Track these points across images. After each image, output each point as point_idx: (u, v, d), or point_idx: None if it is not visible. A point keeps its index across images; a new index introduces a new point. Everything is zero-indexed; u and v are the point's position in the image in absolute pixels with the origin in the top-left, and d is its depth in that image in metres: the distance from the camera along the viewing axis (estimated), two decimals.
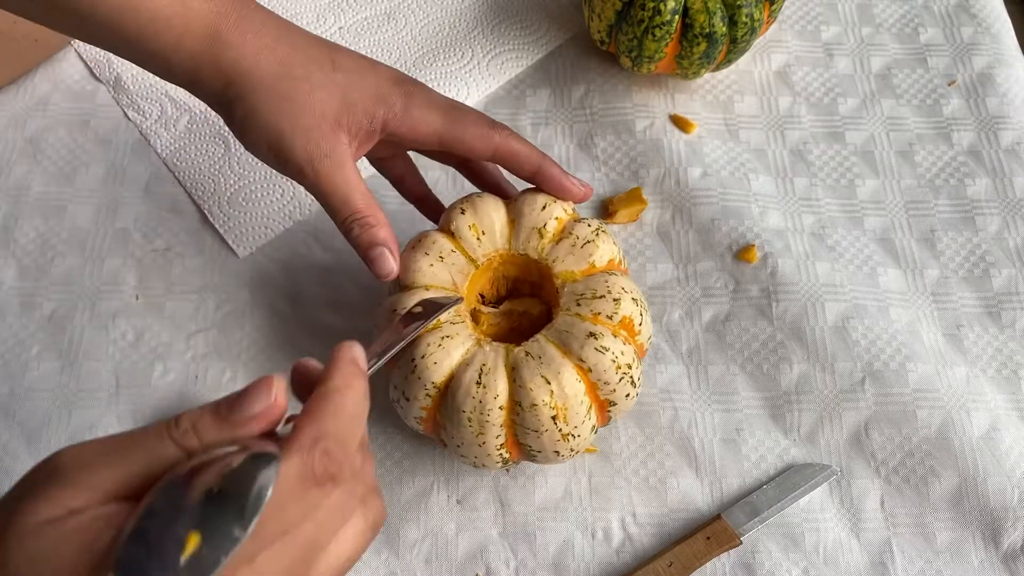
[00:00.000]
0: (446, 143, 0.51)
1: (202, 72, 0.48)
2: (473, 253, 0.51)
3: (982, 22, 0.74)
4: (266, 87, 0.48)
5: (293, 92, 0.48)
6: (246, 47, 0.48)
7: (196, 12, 0.47)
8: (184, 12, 0.47)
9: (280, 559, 0.30)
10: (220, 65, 0.48)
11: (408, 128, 0.50)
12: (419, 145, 0.52)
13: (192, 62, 0.48)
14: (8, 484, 0.57)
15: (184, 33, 0.47)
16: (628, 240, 0.64)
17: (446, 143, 0.51)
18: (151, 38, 0.47)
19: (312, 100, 0.48)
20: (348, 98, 0.49)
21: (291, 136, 0.48)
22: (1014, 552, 0.53)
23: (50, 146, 0.68)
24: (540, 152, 0.52)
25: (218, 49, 0.47)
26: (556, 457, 0.49)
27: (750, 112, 0.70)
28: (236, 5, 0.48)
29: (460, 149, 0.51)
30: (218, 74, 0.48)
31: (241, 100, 0.48)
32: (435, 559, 0.54)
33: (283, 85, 0.48)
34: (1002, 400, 0.58)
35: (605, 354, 0.47)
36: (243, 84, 0.48)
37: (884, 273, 0.63)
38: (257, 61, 0.48)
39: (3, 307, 0.62)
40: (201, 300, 0.62)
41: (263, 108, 0.48)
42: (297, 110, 0.48)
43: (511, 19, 0.74)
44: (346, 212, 0.48)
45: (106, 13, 0.46)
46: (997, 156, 0.68)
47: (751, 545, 0.54)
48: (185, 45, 0.47)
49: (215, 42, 0.47)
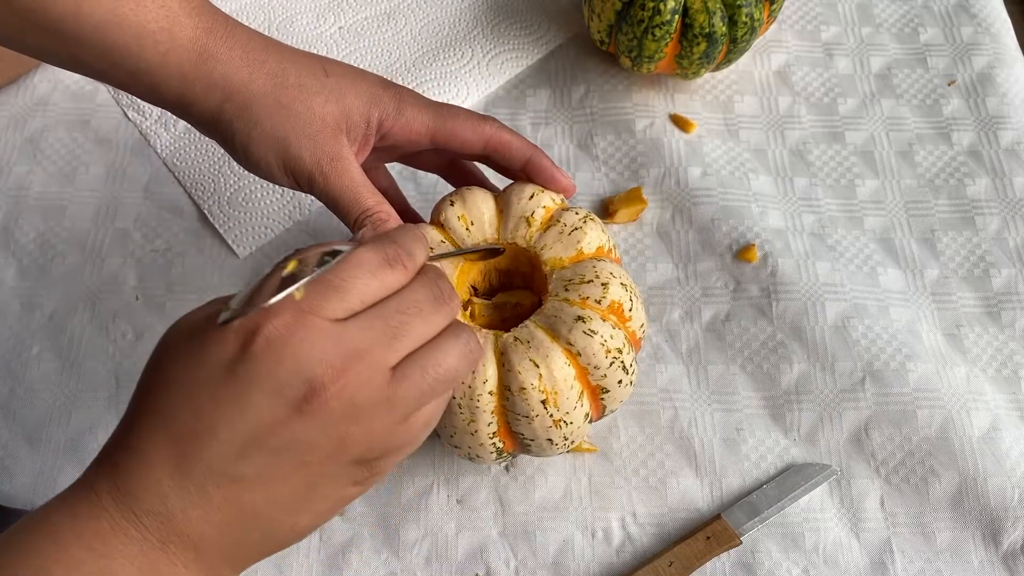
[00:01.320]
0: (439, 139, 0.51)
1: (194, 89, 0.47)
2: (463, 243, 0.51)
3: (982, 22, 0.74)
4: (264, 99, 0.47)
5: (291, 100, 0.48)
6: (236, 61, 0.47)
7: (182, 27, 0.46)
8: (170, 27, 0.46)
9: (368, 330, 0.36)
10: (212, 80, 0.47)
11: (401, 127, 0.50)
12: (412, 145, 0.52)
13: (181, 79, 0.47)
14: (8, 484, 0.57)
15: (170, 49, 0.46)
16: (628, 240, 0.64)
17: (439, 139, 0.51)
18: (136, 55, 0.46)
19: (311, 106, 0.48)
20: (344, 102, 0.49)
21: (297, 144, 0.47)
22: (1014, 552, 0.53)
23: (50, 146, 0.68)
24: (530, 143, 0.53)
25: (208, 64, 0.47)
26: (550, 446, 0.49)
27: (750, 112, 0.70)
28: (222, 21, 0.48)
29: (453, 144, 0.51)
30: (212, 90, 0.47)
31: (241, 116, 0.47)
32: (435, 559, 0.54)
33: (280, 94, 0.48)
34: (1002, 400, 0.58)
35: (594, 337, 0.47)
36: (240, 98, 0.47)
37: (884, 273, 0.63)
38: (251, 74, 0.47)
39: (3, 307, 0.62)
40: (201, 300, 0.61)
41: (264, 120, 0.47)
42: (298, 117, 0.48)
43: (511, 19, 0.74)
44: (357, 211, 0.48)
45: (91, 30, 0.45)
46: (997, 156, 0.68)
47: (751, 545, 0.54)
48: (172, 61, 0.46)
49: (204, 57, 0.47)
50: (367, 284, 0.37)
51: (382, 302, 0.38)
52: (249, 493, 0.35)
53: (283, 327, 0.35)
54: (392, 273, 0.38)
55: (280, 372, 0.34)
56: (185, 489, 0.34)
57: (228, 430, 0.34)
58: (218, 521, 0.35)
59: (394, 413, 0.37)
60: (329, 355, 0.35)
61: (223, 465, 0.35)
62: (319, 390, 0.35)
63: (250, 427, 0.34)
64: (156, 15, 0.46)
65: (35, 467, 0.57)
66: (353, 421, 0.36)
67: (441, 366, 0.38)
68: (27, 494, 0.56)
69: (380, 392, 0.36)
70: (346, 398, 0.35)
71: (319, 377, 0.35)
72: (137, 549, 0.34)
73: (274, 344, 0.35)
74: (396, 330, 0.37)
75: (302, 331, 0.35)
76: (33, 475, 0.56)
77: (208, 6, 0.48)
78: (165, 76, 0.47)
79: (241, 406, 0.34)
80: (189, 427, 0.34)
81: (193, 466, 0.34)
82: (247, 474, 0.35)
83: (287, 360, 0.35)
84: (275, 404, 0.35)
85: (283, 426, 0.35)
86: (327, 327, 0.36)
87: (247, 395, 0.34)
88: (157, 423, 0.35)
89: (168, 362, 0.36)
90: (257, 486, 0.35)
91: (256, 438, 0.35)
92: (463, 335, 0.40)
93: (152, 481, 0.34)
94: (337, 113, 0.48)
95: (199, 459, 0.34)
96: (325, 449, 0.36)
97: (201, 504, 0.35)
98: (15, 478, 0.56)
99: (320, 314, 0.36)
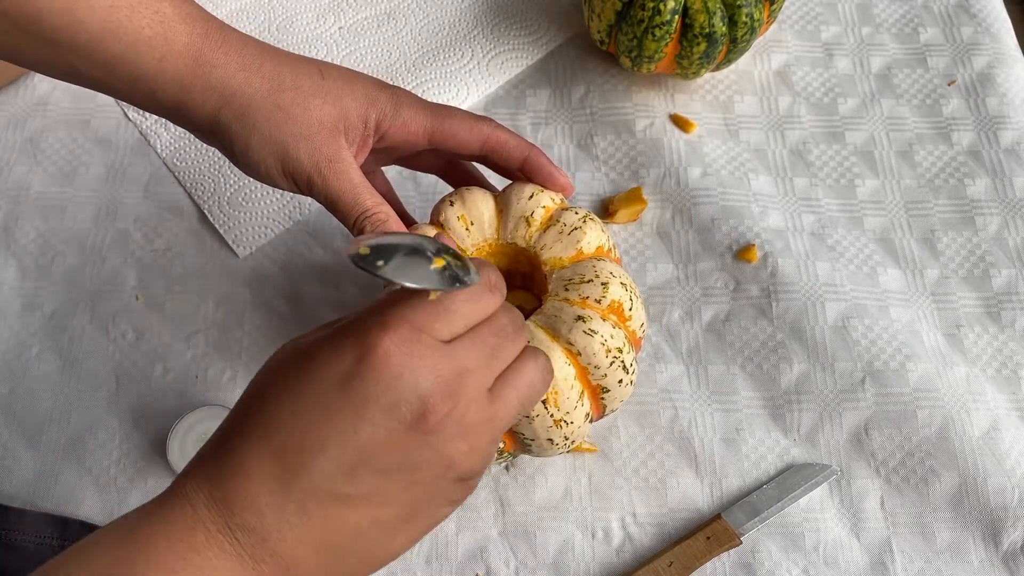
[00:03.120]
0: (436, 139, 0.51)
1: (191, 95, 0.47)
2: (462, 243, 0.51)
3: (982, 22, 0.74)
4: (261, 102, 0.47)
5: (288, 103, 0.48)
6: (232, 66, 0.47)
7: (177, 33, 0.46)
8: (165, 33, 0.46)
9: (472, 352, 0.37)
10: (209, 85, 0.47)
11: (399, 127, 0.50)
12: (409, 146, 0.52)
13: (178, 85, 0.47)
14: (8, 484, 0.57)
15: (166, 55, 0.46)
16: (628, 240, 0.64)
17: (436, 139, 0.51)
18: (133, 61, 0.46)
19: (308, 108, 0.48)
20: (341, 103, 0.49)
21: (295, 146, 0.47)
22: (1014, 552, 0.53)
23: (50, 146, 0.68)
24: (528, 142, 0.53)
25: (204, 70, 0.47)
26: (551, 446, 0.49)
27: (750, 112, 0.70)
28: (217, 27, 0.48)
29: (451, 144, 0.51)
30: (209, 95, 0.47)
31: (240, 120, 0.47)
32: (435, 559, 0.54)
33: (277, 98, 0.48)
34: (1002, 400, 0.58)
35: (594, 337, 0.47)
36: (238, 103, 0.47)
37: (884, 273, 0.63)
38: (247, 78, 0.47)
39: (4, 307, 0.62)
40: (201, 300, 0.62)
41: (263, 123, 0.47)
42: (296, 120, 0.47)
43: (511, 19, 0.74)
44: (357, 212, 0.48)
45: (86, 38, 0.45)
46: (997, 156, 0.68)
47: (751, 545, 0.54)
48: (168, 68, 0.46)
49: (199, 63, 0.47)
50: (471, 308, 0.38)
51: (478, 326, 0.38)
52: (352, 513, 0.35)
53: (401, 343, 0.35)
54: (491, 299, 0.39)
55: (397, 389, 0.34)
56: (284, 506, 0.34)
57: (338, 446, 0.34)
58: (314, 543, 0.34)
59: (493, 432, 0.38)
60: (444, 374, 0.35)
61: (328, 483, 0.34)
62: (433, 409, 0.35)
63: (362, 444, 0.34)
64: (150, 21, 0.46)
65: (35, 467, 0.57)
66: (462, 440, 0.36)
67: (530, 387, 0.39)
68: (27, 494, 0.56)
69: (484, 411, 0.37)
70: (457, 417, 0.35)
71: (434, 396, 0.35)
72: (230, 564, 0.33)
73: (392, 360, 0.34)
74: (494, 352, 0.38)
75: (418, 349, 0.35)
76: (33, 475, 0.56)
77: (202, 12, 0.48)
78: (162, 83, 0.47)
79: (355, 422, 0.34)
80: (295, 441, 0.34)
81: (296, 482, 0.34)
82: (352, 493, 0.34)
83: (404, 377, 0.34)
84: (390, 421, 0.34)
85: (396, 444, 0.34)
86: (439, 347, 0.36)
87: (363, 411, 0.34)
88: (260, 435, 0.34)
89: (275, 377, 0.36)
90: (361, 506, 0.35)
91: (366, 456, 0.34)
92: (540, 357, 0.40)
93: (251, 495, 0.34)
94: (334, 115, 0.48)
95: (304, 475, 0.34)
96: (435, 468, 0.36)
97: (299, 524, 0.34)
98: (15, 478, 0.56)
99: (431, 333, 0.36)
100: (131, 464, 0.57)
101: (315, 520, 0.34)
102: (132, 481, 0.56)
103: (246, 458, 0.34)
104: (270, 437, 0.34)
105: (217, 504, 0.34)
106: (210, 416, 0.56)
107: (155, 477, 0.56)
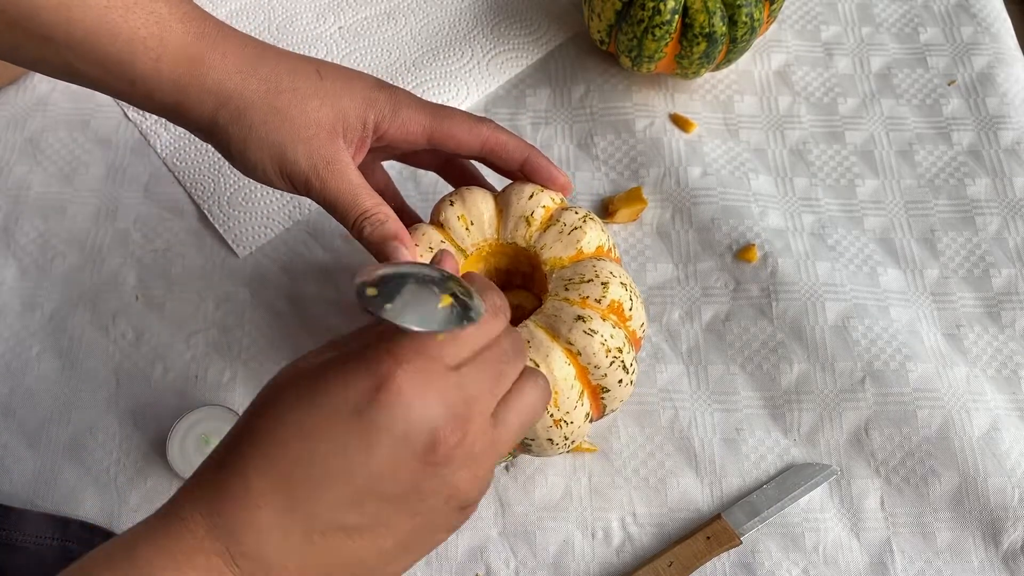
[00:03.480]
0: (435, 140, 0.51)
1: (188, 96, 0.47)
2: (462, 243, 0.51)
3: (982, 22, 0.74)
4: (258, 104, 0.47)
5: (285, 105, 0.47)
6: (229, 67, 0.47)
7: (173, 32, 0.46)
8: (160, 33, 0.46)
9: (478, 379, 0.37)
10: (206, 86, 0.47)
11: (397, 128, 0.50)
12: (408, 145, 0.52)
13: (175, 86, 0.47)
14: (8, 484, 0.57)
15: (162, 55, 0.46)
16: (628, 240, 0.64)
17: (435, 140, 0.51)
18: (129, 62, 0.46)
19: (306, 110, 0.48)
20: (339, 104, 0.48)
21: (293, 148, 0.47)
22: (1014, 552, 0.53)
23: (50, 146, 0.68)
24: (527, 143, 0.53)
25: (201, 71, 0.47)
26: (551, 446, 0.49)
27: (750, 112, 0.70)
28: (214, 27, 0.48)
29: (450, 144, 0.51)
30: (206, 96, 0.47)
31: (237, 121, 0.47)
32: (435, 559, 0.54)
33: (274, 99, 0.47)
34: (1002, 400, 0.58)
35: (594, 337, 0.47)
36: (235, 104, 0.47)
37: (884, 273, 0.63)
38: (244, 79, 0.47)
39: (4, 307, 0.62)
40: (201, 300, 0.62)
41: (260, 125, 0.47)
42: (293, 122, 0.47)
43: (511, 19, 0.74)
44: (355, 213, 0.48)
45: (82, 37, 0.45)
46: (997, 156, 0.68)
47: (751, 545, 0.54)
48: (165, 68, 0.46)
49: (196, 63, 0.47)
50: (479, 335, 0.38)
51: (483, 351, 0.38)
52: (356, 543, 0.35)
53: (414, 373, 0.35)
54: (496, 324, 0.39)
55: (409, 420, 0.34)
56: (288, 536, 0.33)
57: (347, 477, 0.34)
58: (315, 571, 0.34)
59: (495, 457, 0.38)
60: (453, 404, 0.35)
61: (334, 512, 0.34)
62: (444, 440, 0.35)
63: (371, 475, 0.34)
64: (146, 21, 0.45)
65: (35, 467, 0.57)
66: (467, 468, 0.36)
67: (530, 409, 0.39)
68: (27, 494, 0.56)
69: (488, 438, 0.37)
70: (467, 448, 0.36)
71: (445, 428, 0.35)
72: None
73: (404, 391, 0.34)
74: (498, 378, 0.38)
75: (429, 379, 0.35)
76: (33, 475, 0.56)
77: (199, 12, 0.48)
78: (159, 83, 0.47)
79: (367, 453, 0.34)
80: (303, 470, 0.34)
81: (302, 512, 0.33)
82: (358, 524, 0.34)
83: (416, 408, 0.34)
84: (400, 452, 0.34)
85: (405, 475, 0.34)
86: (448, 375, 0.36)
87: (375, 442, 0.34)
88: (266, 461, 0.34)
89: (281, 400, 0.36)
90: (365, 536, 0.35)
91: (373, 486, 0.34)
92: (539, 379, 0.40)
93: (254, 522, 0.33)
94: (332, 116, 0.48)
95: (311, 506, 0.33)
96: (441, 497, 0.36)
97: (303, 553, 0.34)
98: (15, 478, 0.56)
99: (441, 361, 0.36)
100: (131, 464, 0.57)
101: (319, 550, 0.34)
102: (132, 481, 0.56)
103: (250, 484, 0.34)
104: (276, 464, 0.34)
105: (218, 529, 0.33)
106: (210, 416, 0.56)
107: (155, 477, 0.56)
